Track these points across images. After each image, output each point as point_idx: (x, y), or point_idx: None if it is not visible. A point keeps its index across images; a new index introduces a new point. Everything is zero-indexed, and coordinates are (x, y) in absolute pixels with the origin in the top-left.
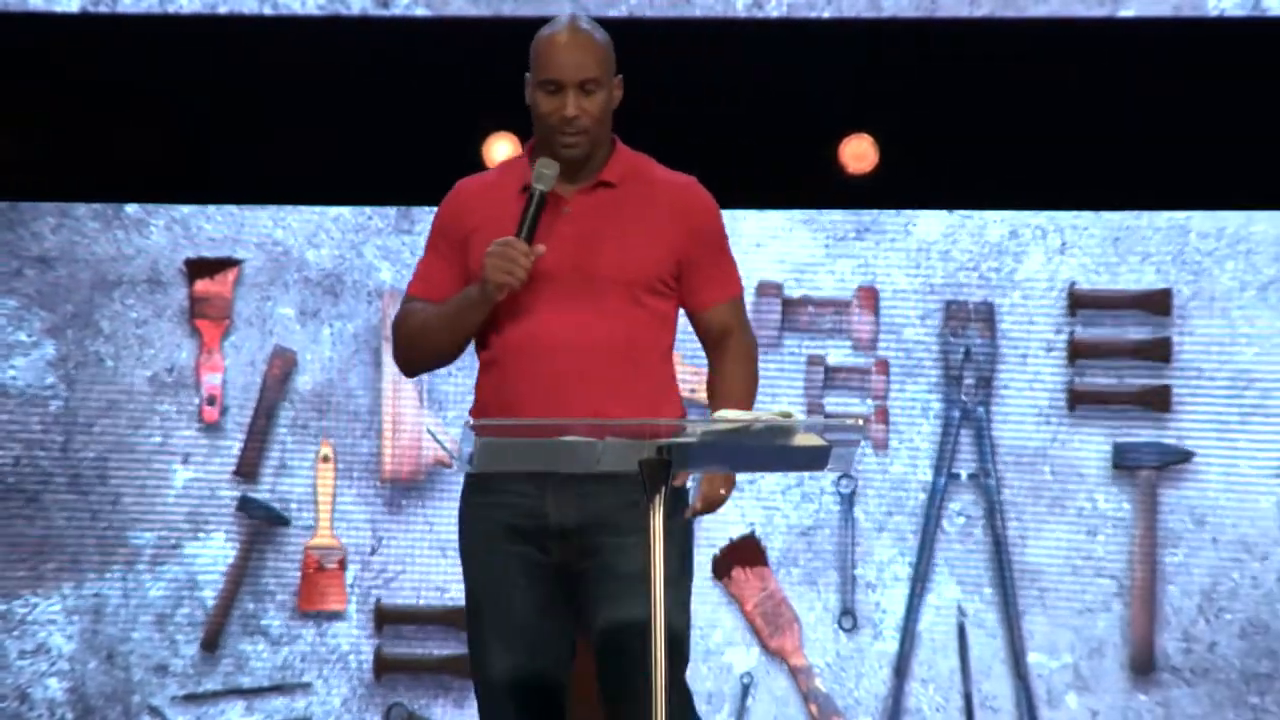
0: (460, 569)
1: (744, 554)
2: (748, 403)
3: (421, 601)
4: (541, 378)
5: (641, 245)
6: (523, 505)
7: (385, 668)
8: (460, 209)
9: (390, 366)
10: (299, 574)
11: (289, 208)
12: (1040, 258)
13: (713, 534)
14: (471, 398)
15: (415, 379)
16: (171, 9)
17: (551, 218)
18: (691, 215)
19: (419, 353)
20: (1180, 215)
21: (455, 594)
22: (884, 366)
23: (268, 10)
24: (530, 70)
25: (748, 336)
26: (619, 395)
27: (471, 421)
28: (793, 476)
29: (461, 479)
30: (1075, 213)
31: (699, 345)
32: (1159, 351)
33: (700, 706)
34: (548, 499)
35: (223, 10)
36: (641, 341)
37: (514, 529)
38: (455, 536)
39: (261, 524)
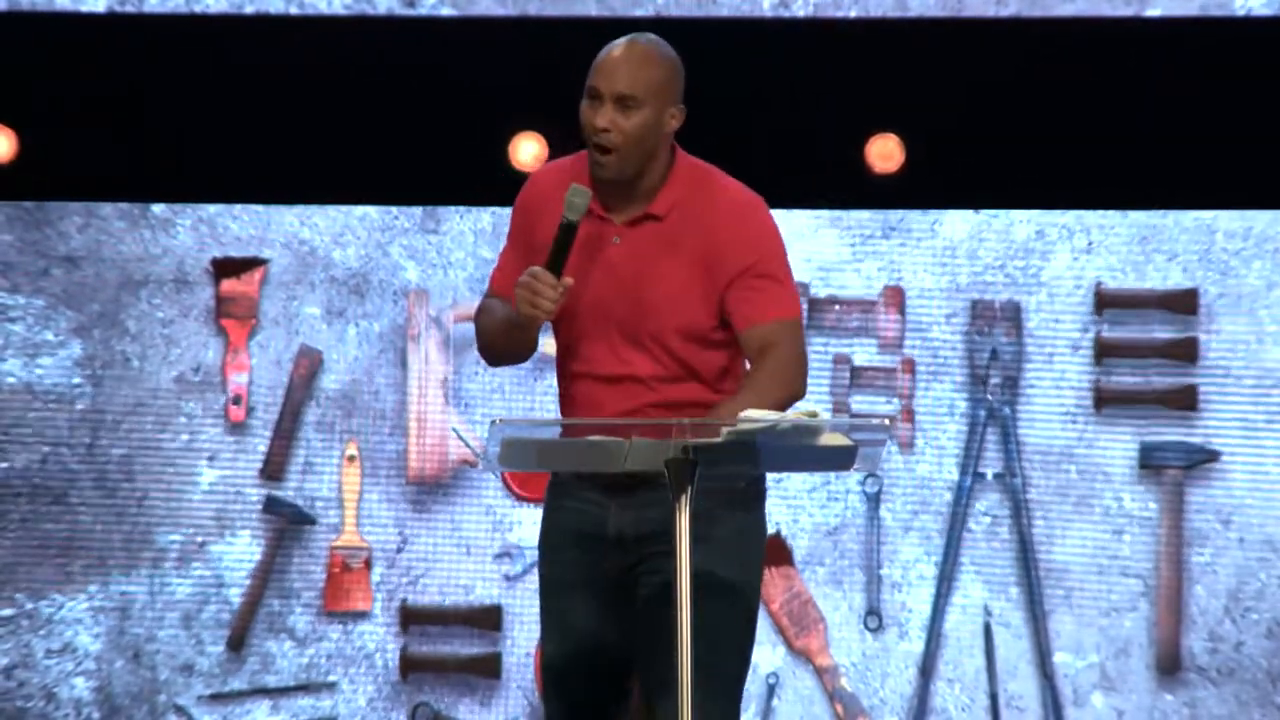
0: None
1: (770, 554)
2: (756, 402)
3: (447, 601)
4: (598, 411)
5: (685, 290)
6: (588, 512)
7: (411, 667)
8: (534, 203)
9: (416, 366)
10: (325, 573)
11: (315, 207)
12: (1066, 257)
13: None
14: (495, 397)
15: (441, 379)
16: (198, 8)
17: (600, 246)
18: (738, 250)
19: (493, 352)
20: (1207, 214)
21: (481, 593)
22: (910, 366)
23: (294, 10)
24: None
25: (789, 352)
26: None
27: (498, 420)
28: (819, 476)
29: (492, 478)
30: (1102, 212)
31: None
32: (1185, 351)
33: None
34: (611, 508)
35: (249, 10)
36: (690, 376)
37: (579, 535)
38: (480, 535)
39: (287, 523)
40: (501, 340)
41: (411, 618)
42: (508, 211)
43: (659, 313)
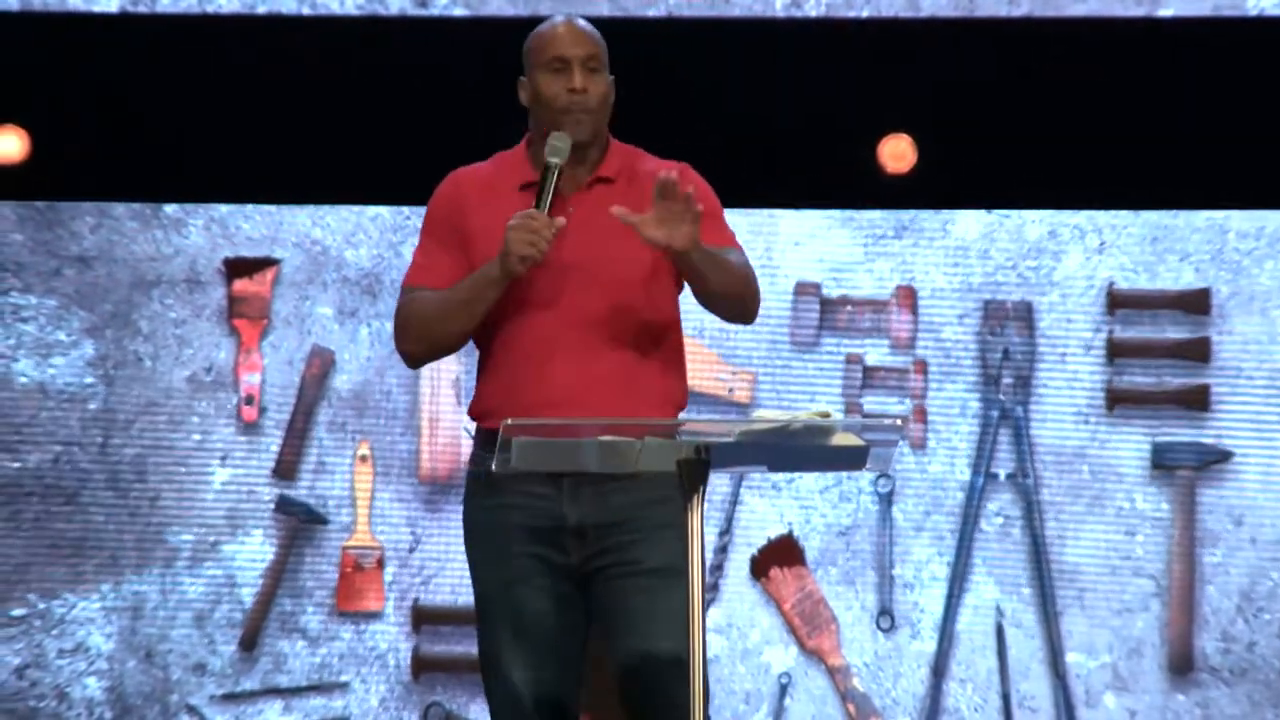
0: (471, 572)
1: (782, 554)
2: (732, 269)
3: (459, 601)
4: (556, 378)
5: (636, 240)
6: (538, 506)
7: (423, 667)
8: (460, 202)
9: (428, 367)
10: (337, 573)
11: (327, 207)
12: (1079, 257)
13: (751, 534)
14: None
15: (453, 379)
16: (210, 9)
17: (553, 217)
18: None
19: (430, 338)
20: (1219, 214)
21: None
22: (922, 366)
23: (306, 10)
24: (527, 66)
25: (750, 265)
26: (635, 390)
27: (509, 421)
28: (831, 476)
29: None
30: (1114, 212)
31: (725, 338)
32: (1198, 351)
33: (738, 706)
34: (564, 498)
35: (261, 10)
36: (650, 333)
37: (529, 529)
38: None
39: (300, 523)
40: (456, 317)
41: (424, 617)
42: None
43: (613, 260)
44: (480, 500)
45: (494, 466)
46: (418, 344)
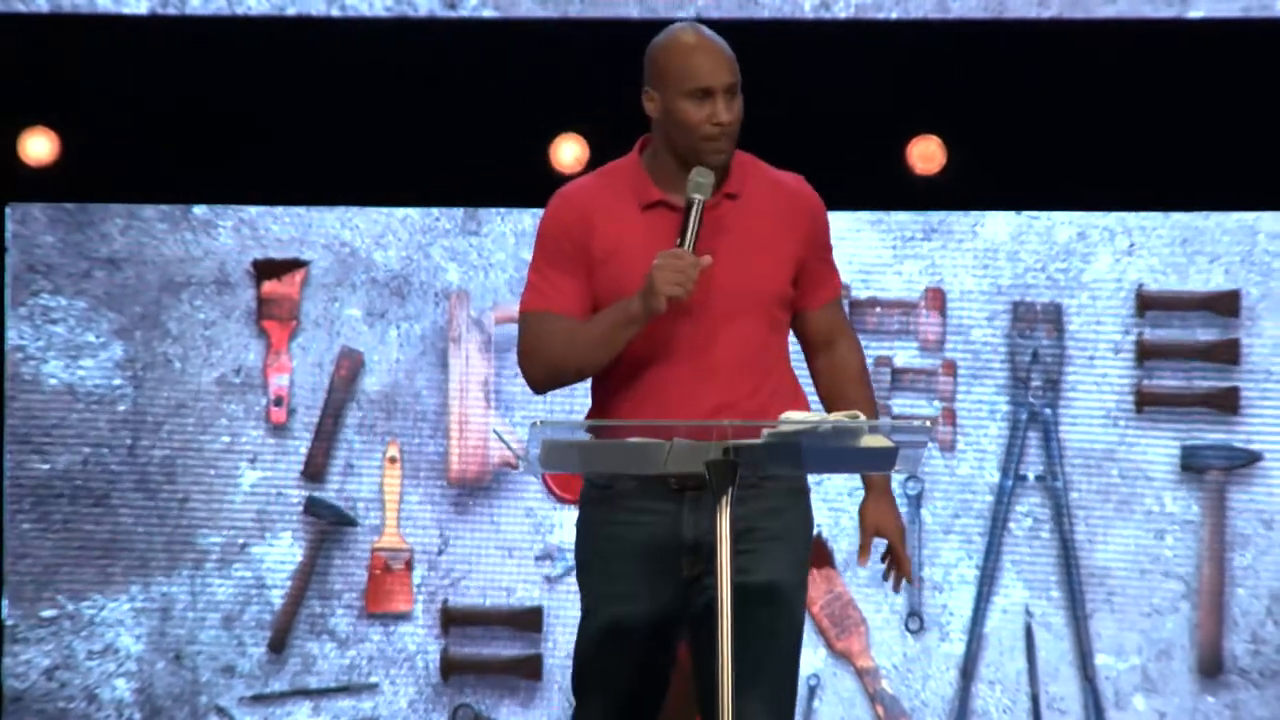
0: (578, 576)
1: (812, 555)
2: (871, 406)
3: (488, 602)
4: (671, 396)
5: (768, 258)
6: (657, 523)
7: (452, 669)
8: (582, 223)
9: (457, 368)
10: (366, 575)
11: (356, 209)
12: (1108, 259)
13: None
14: (537, 399)
15: (482, 380)
16: (240, 11)
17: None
18: (805, 217)
19: (563, 369)
20: (1249, 216)
21: (522, 595)
22: (951, 368)
23: (335, 12)
24: (660, 82)
25: (856, 336)
26: (756, 400)
27: (539, 421)
28: (860, 478)
29: (533, 480)
30: (1143, 214)
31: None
32: (1227, 353)
33: None
34: (684, 513)
35: (291, 12)
36: (770, 354)
37: (648, 548)
38: (521, 537)
39: (329, 525)
40: (594, 351)
41: (452, 619)
42: None
43: (740, 279)
44: (595, 511)
45: (521, 468)
46: (549, 372)
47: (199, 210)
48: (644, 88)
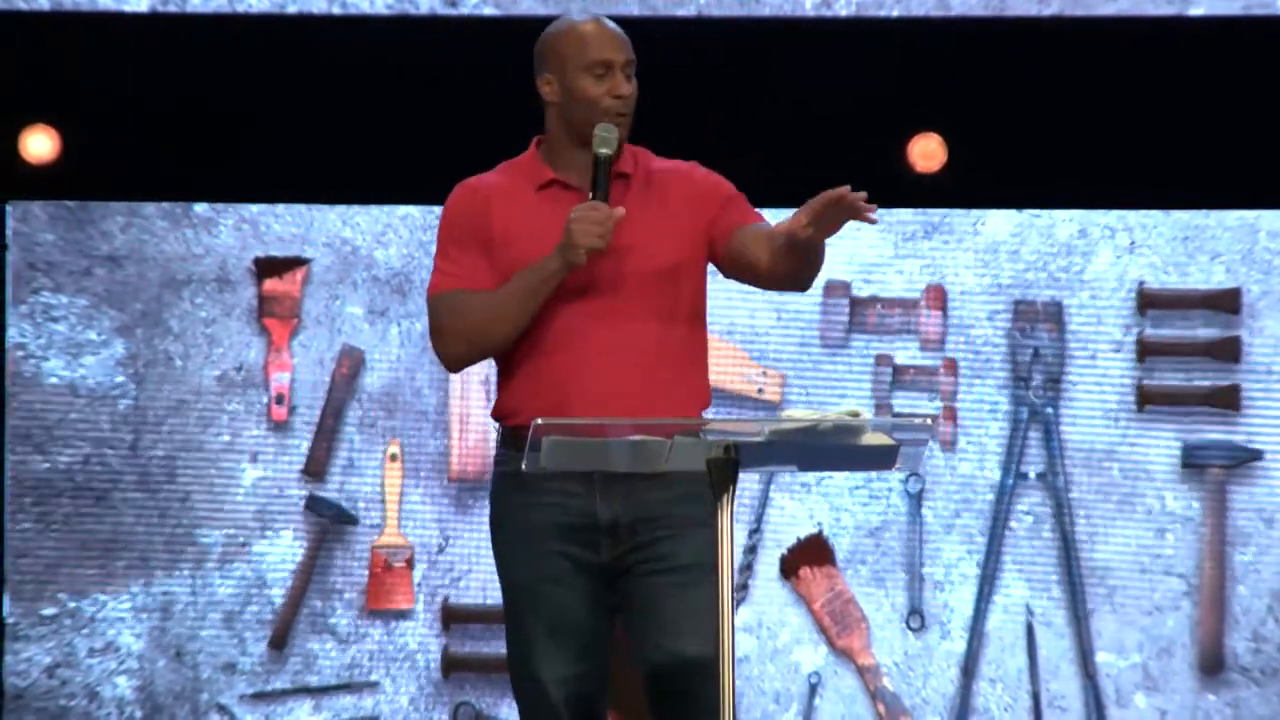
0: (499, 570)
1: (812, 553)
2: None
3: (489, 600)
4: (585, 378)
5: (664, 232)
6: (570, 504)
7: (453, 666)
8: (480, 207)
9: None
10: (367, 572)
11: (357, 207)
12: (1109, 257)
13: (781, 533)
14: None
15: (482, 378)
16: (240, 8)
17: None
18: (700, 186)
19: (479, 337)
20: (1250, 214)
21: None
22: (952, 366)
23: (336, 10)
24: (556, 65)
25: None
26: (662, 389)
27: (538, 420)
28: (860, 476)
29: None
30: (1144, 212)
31: (755, 338)
32: (1228, 351)
33: (768, 705)
34: (596, 495)
35: (291, 10)
36: (677, 329)
37: (562, 527)
38: None
39: (329, 523)
40: (512, 313)
41: (453, 617)
42: None
43: (638, 256)
44: (509, 498)
45: (524, 465)
46: (465, 345)
47: (200, 208)
48: (538, 75)
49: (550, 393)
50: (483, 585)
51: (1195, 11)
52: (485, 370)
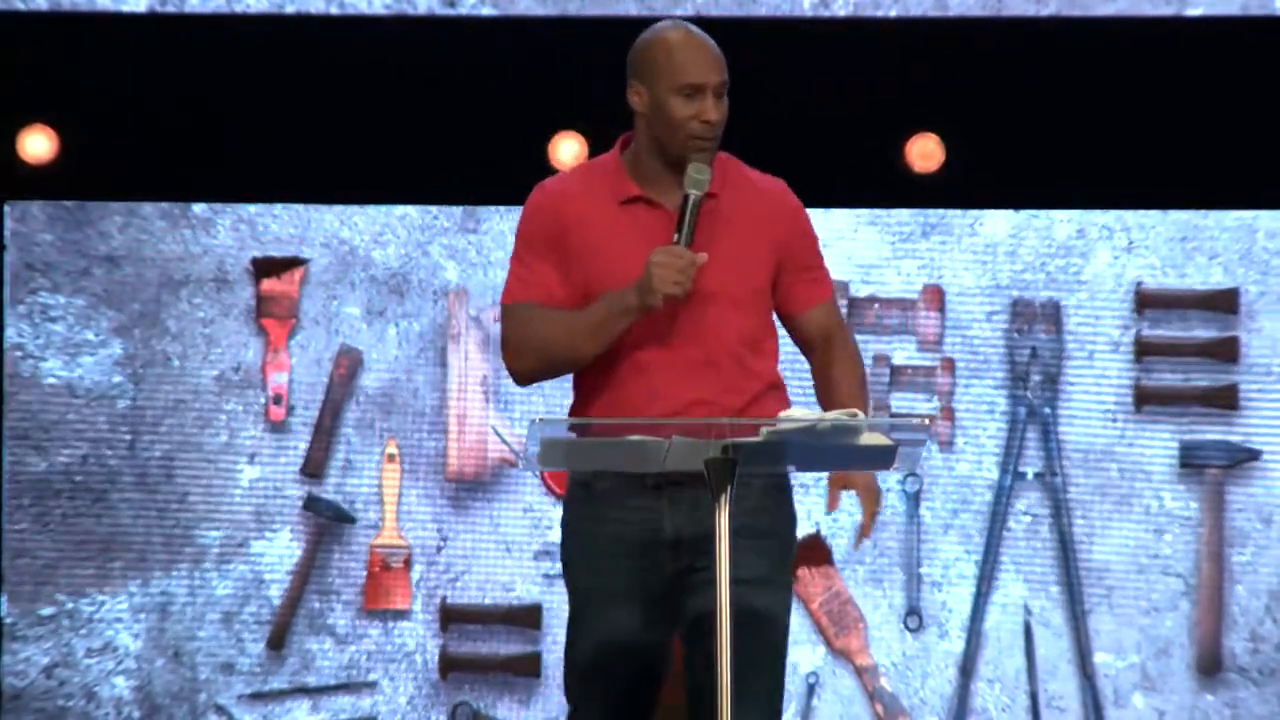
0: (564, 575)
1: (809, 553)
2: (864, 405)
3: (487, 600)
4: (660, 394)
5: (746, 256)
6: (640, 520)
7: (451, 666)
8: (562, 217)
9: (456, 365)
10: (365, 572)
11: (355, 207)
12: (1107, 256)
13: None
14: (535, 396)
15: (480, 378)
16: (239, 8)
17: (657, 234)
18: (785, 219)
19: (553, 359)
20: (1248, 214)
21: (520, 592)
22: (950, 365)
23: (334, 10)
24: (649, 77)
25: (851, 337)
26: (734, 406)
27: (538, 419)
28: None
29: (532, 477)
30: (1142, 212)
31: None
32: (1226, 350)
33: None
34: (664, 510)
35: (289, 10)
36: (751, 352)
37: (631, 544)
38: (520, 534)
39: (327, 522)
40: (584, 342)
41: (451, 616)
42: None
43: (717, 278)
44: (581, 509)
45: (520, 465)
46: (538, 363)
47: (198, 208)
48: (630, 81)
49: (626, 409)
50: (480, 585)
51: (1193, 11)
52: (484, 370)
